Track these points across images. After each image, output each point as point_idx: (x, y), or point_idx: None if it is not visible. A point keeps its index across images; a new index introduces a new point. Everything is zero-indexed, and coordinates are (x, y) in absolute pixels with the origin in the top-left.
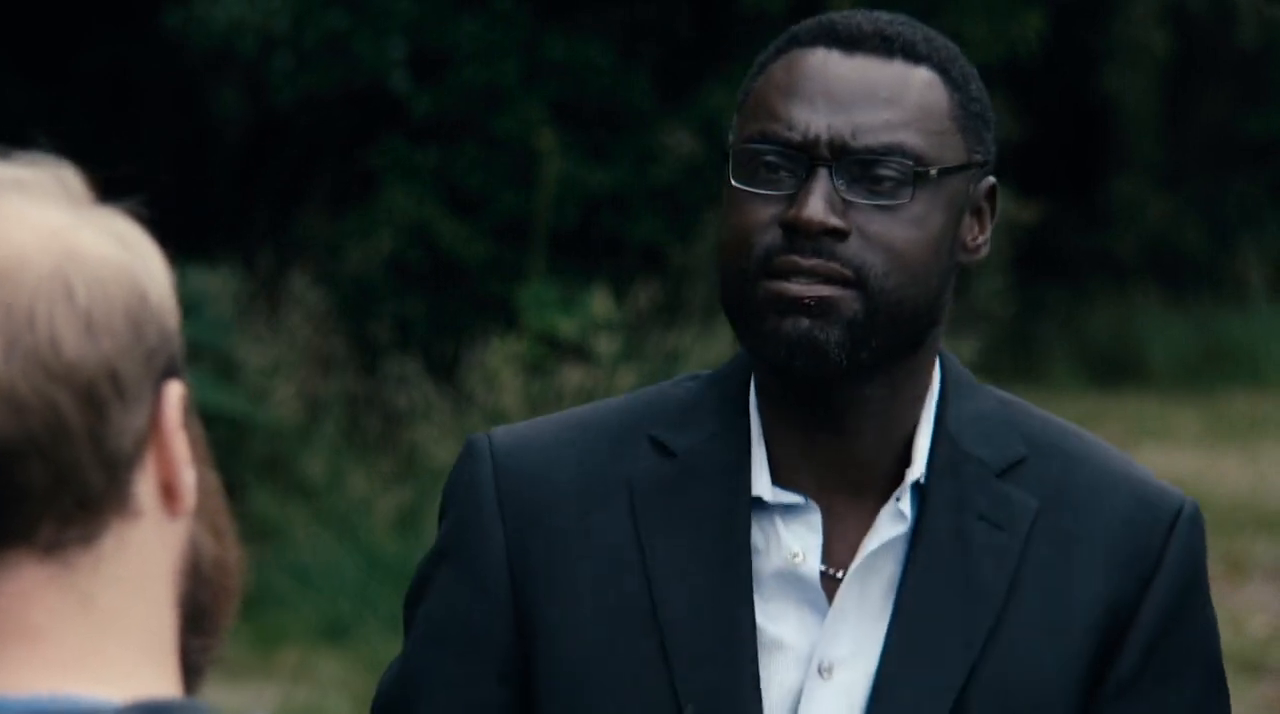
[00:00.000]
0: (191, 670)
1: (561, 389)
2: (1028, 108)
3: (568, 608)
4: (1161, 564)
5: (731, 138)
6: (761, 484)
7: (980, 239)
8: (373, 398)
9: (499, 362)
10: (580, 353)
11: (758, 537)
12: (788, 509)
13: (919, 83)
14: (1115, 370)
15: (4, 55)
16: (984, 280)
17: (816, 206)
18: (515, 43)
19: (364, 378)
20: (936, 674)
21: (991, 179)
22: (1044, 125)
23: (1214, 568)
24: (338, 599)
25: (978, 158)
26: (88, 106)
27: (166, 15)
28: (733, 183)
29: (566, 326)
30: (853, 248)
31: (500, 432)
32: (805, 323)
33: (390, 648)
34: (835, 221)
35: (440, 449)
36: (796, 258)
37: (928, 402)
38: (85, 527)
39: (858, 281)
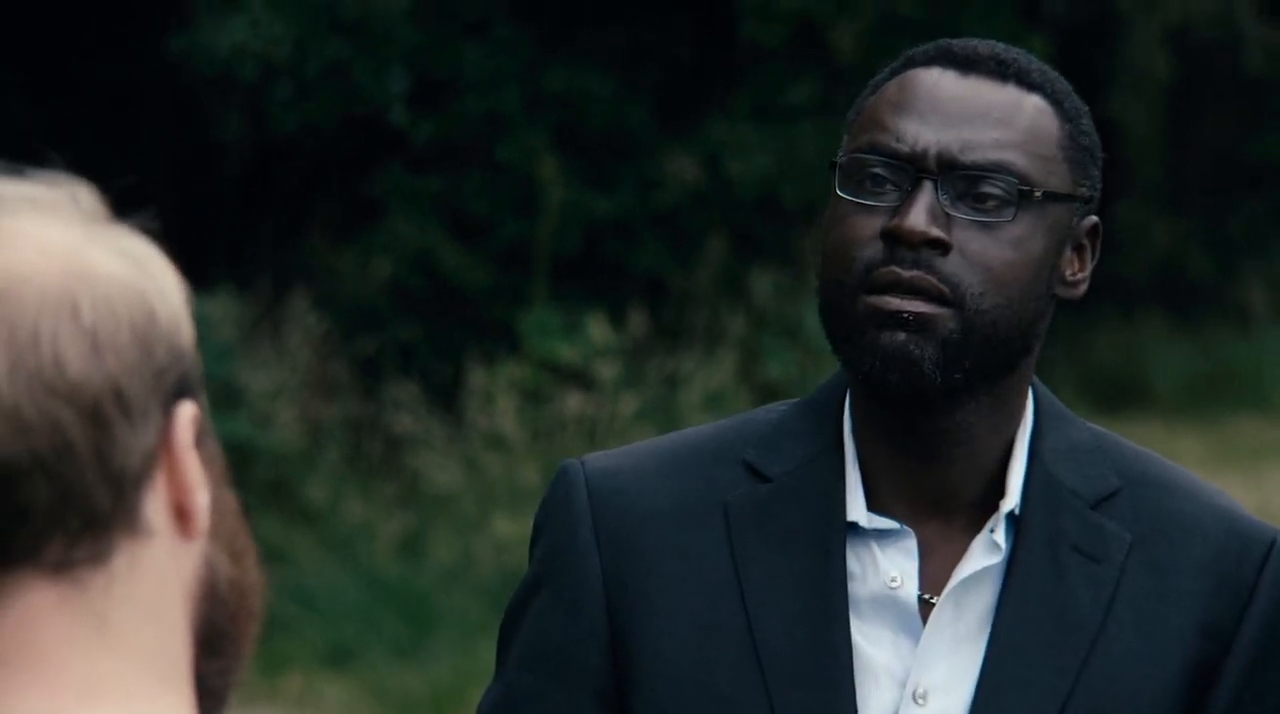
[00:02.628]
0: (209, 695)
1: (562, 415)
2: None
3: (665, 630)
4: (1255, 595)
5: (840, 154)
6: (857, 510)
7: (1080, 275)
8: (375, 423)
9: (500, 388)
10: (581, 379)
11: (853, 562)
12: (883, 534)
13: (1031, 108)
14: (1119, 394)
15: (10, 74)
16: None
17: (919, 217)
18: (517, 71)
19: (366, 403)
20: (1031, 703)
21: (1095, 218)
22: None
23: None
24: (341, 624)
25: (1083, 191)
26: (92, 128)
27: (170, 39)
28: (838, 192)
29: (568, 353)
30: (952, 264)
31: (594, 457)
32: (901, 337)
33: (393, 672)
34: (937, 233)
35: (442, 474)
36: (897, 269)
37: (1020, 431)
38: (94, 547)
39: (954, 299)
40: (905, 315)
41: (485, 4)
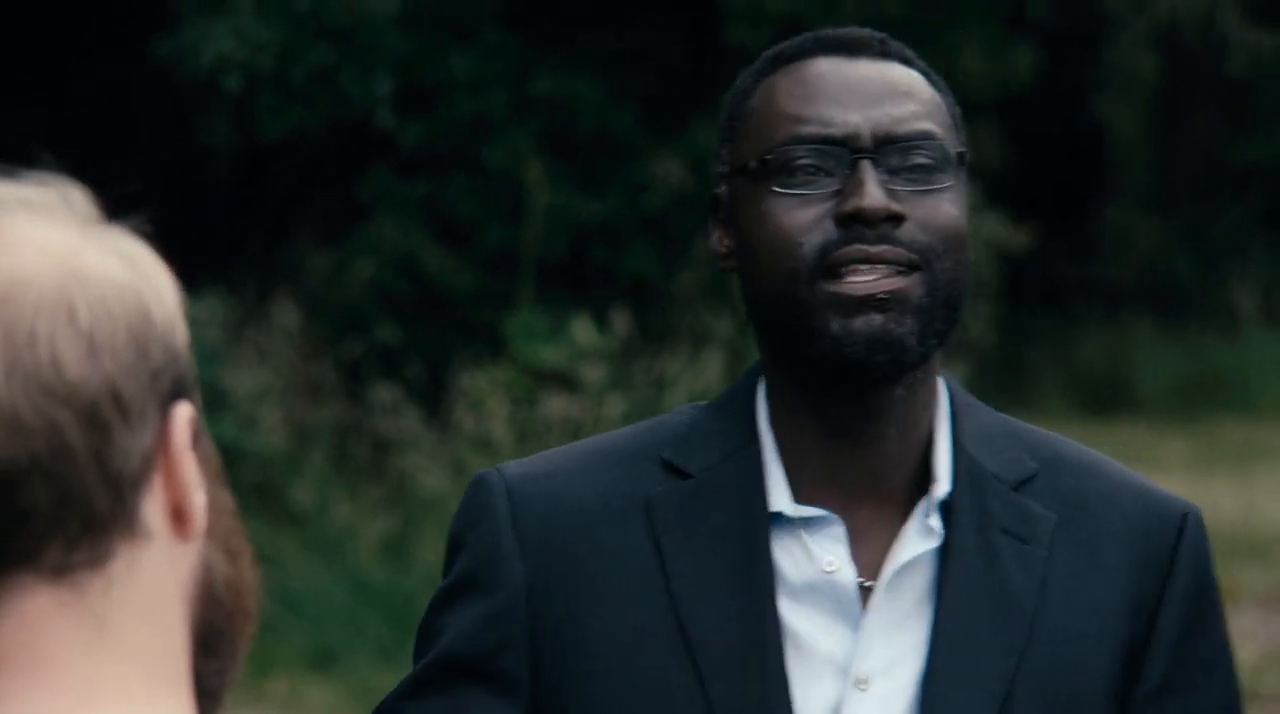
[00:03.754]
0: (206, 695)
1: (548, 418)
2: (1019, 136)
3: (594, 633)
4: (1174, 567)
5: (723, 168)
6: (781, 500)
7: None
8: (361, 426)
9: (486, 391)
10: (567, 382)
11: (784, 552)
12: (810, 522)
13: (919, 82)
14: (1106, 398)
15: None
16: (974, 308)
17: (876, 194)
18: (504, 75)
19: (352, 406)
20: (979, 684)
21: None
22: (1035, 154)
23: None
24: (327, 626)
25: (966, 155)
26: (79, 132)
27: (155, 45)
28: (773, 189)
29: (554, 356)
30: (909, 232)
31: (511, 465)
32: (879, 318)
33: (379, 675)
34: (895, 206)
35: (428, 477)
36: (863, 247)
37: (939, 415)
38: (93, 549)
39: (921, 264)
40: (880, 296)
41: (473, 9)
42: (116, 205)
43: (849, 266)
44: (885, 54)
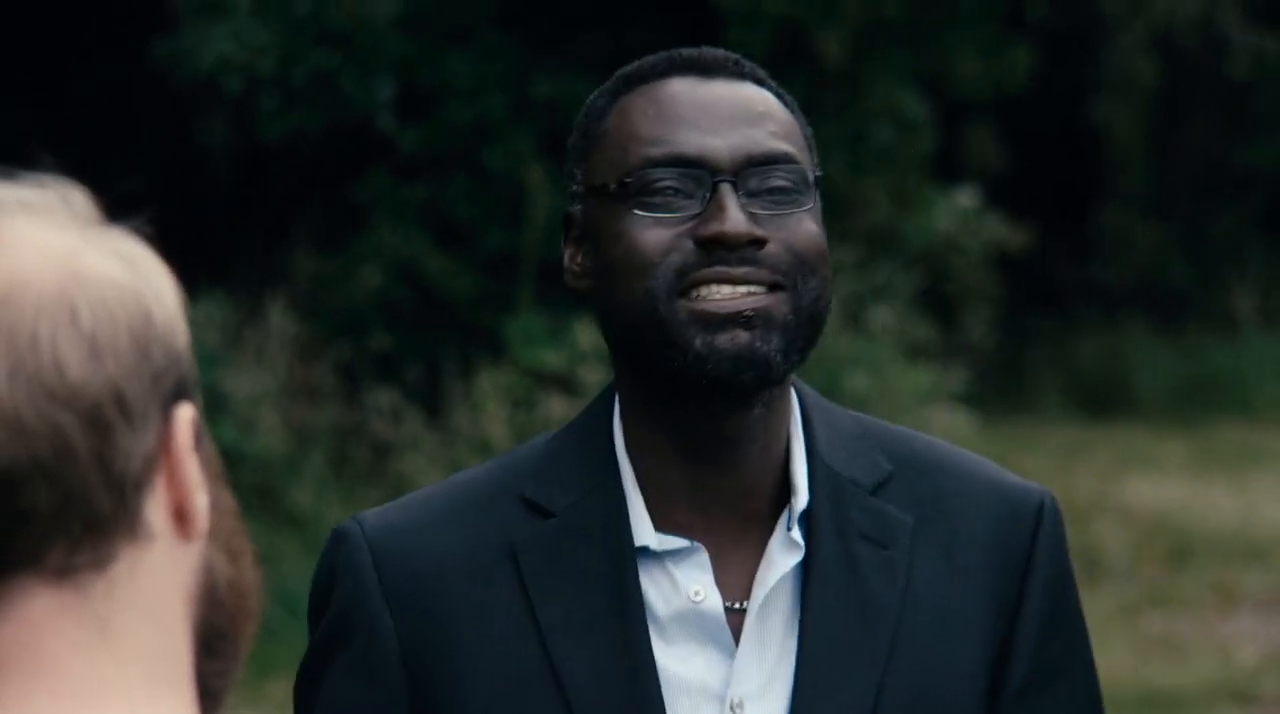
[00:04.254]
0: (208, 695)
1: (548, 420)
2: (1017, 139)
3: (468, 686)
4: (1033, 559)
5: (576, 187)
6: (645, 534)
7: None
8: (360, 429)
9: (486, 394)
10: (566, 385)
11: (651, 585)
12: (674, 554)
13: (773, 103)
14: (1104, 400)
15: None
16: (973, 311)
17: (738, 218)
18: (503, 78)
19: (351, 409)
20: (847, 697)
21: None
22: (1033, 156)
23: (1203, 597)
24: None
25: (819, 174)
26: (77, 133)
27: (153, 47)
28: (633, 211)
29: (553, 359)
30: (773, 254)
31: (369, 515)
32: (745, 336)
33: None
34: (757, 230)
35: (427, 480)
36: (724, 268)
37: (793, 423)
38: (95, 551)
39: (786, 285)
40: (746, 313)
41: (471, 12)
42: (116, 206)
43: (709, 287)
44: (740, 75)
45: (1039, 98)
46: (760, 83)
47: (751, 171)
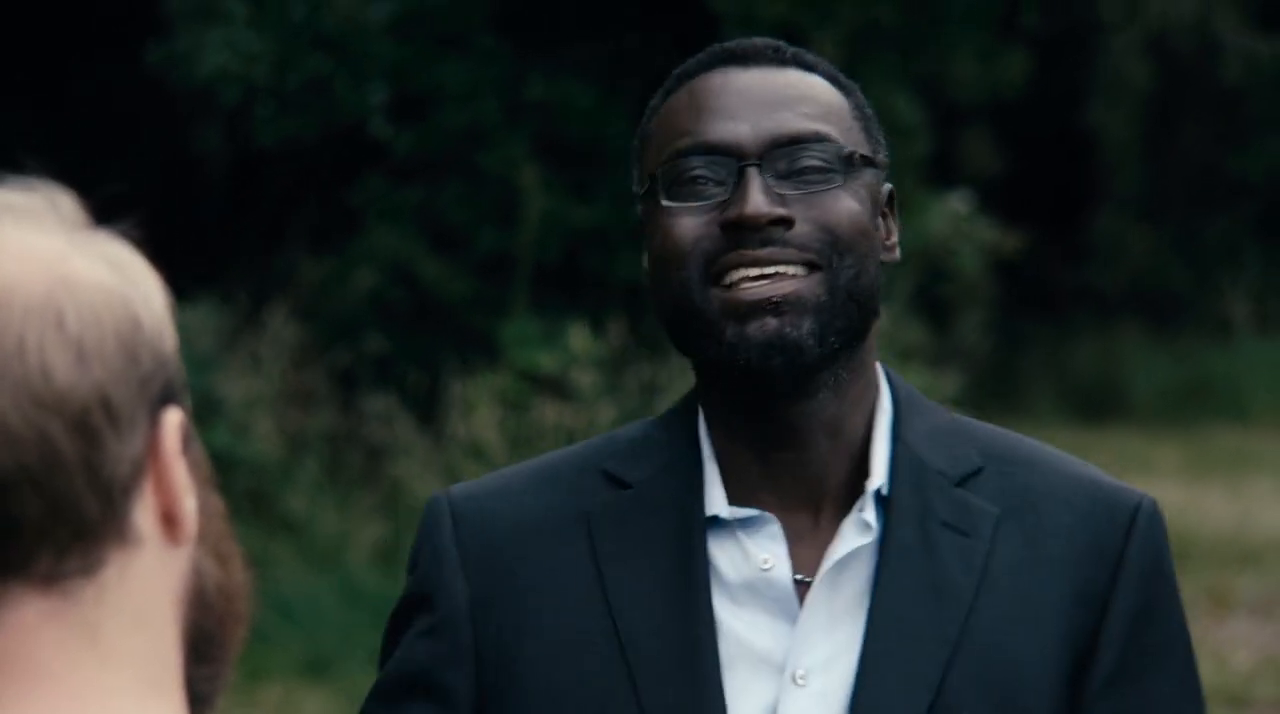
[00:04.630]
0: (198, 700)
1: (541, 424)
2: (1012, 142)
3: (535, 644)
4: (1125, 558)
5: (636, 188)
6: (717, 503)
7: (892, 240)
8: (353, 433)
9: (479, 397)
10: (560, 388)
11: (721, 552)
12: (747, 523)
13: (817, 85)
14: (1098, 405)
15: None
16: (967, 315)
17: (758, 200)
18: (497, 82)
19: (345, 413)
20: (913, 673)
21: (890, 186)
22: (1028, 160)
23: (1197, 602)
24: (320, 634)
25: (881, 158)
26: (73, 139)
27: (148, 52)
28: (663, 203)
29: (547, 362)
30: (802, 233)
31: (458, 487)
32: (774, 322)
33: (371, 682)
34: (779, 210)
35: (421, 484)
36: (746, 251)
37: (879, 416)
38: (84, 557)
39: (819, 262)
40: (773, 300)
41: (465, 16)
42: (111, 210)
43: (737, 272)
44: (781, 61)
45: (1033, 102)
46: (807, 68)
47: (778, 153)
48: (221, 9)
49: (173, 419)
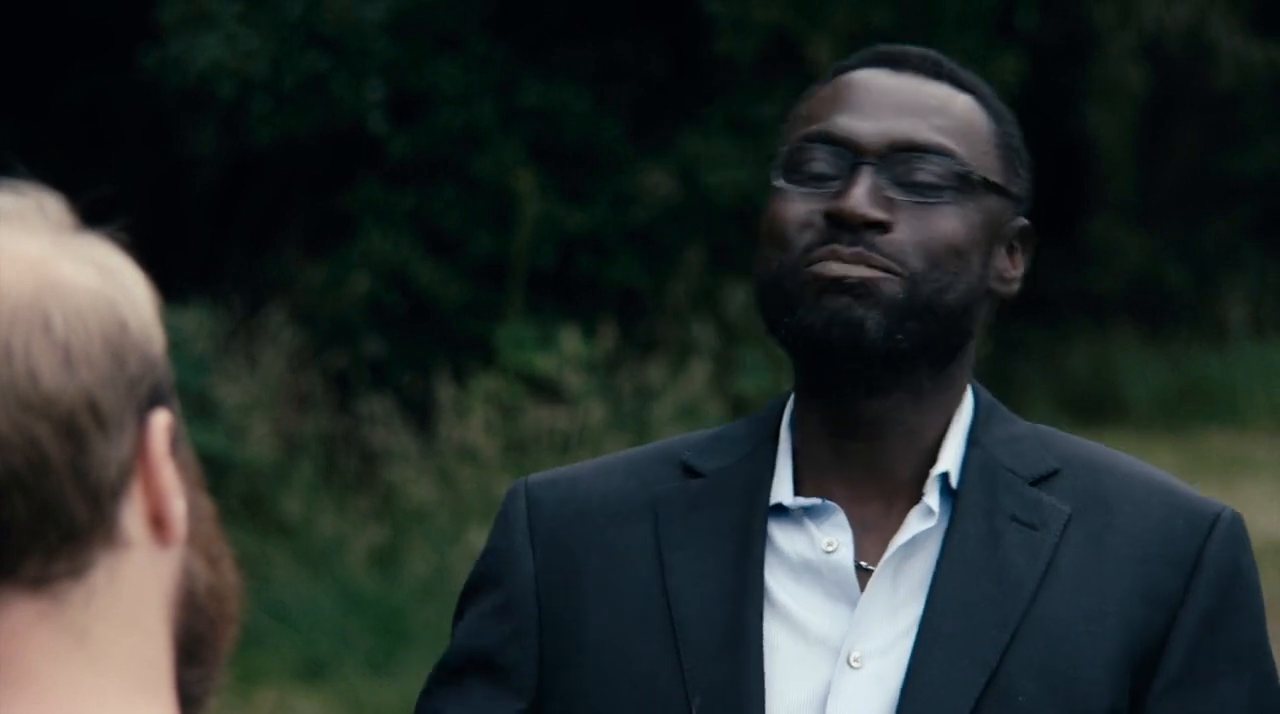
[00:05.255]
0: (190, 702)
1: (536, 428)
2: None
3: (592, 622)
4: (1201, 565)
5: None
6: (783, 492)
7: (1014, 274)
8: (349, 437)
9: (474, 401)
10: (555, 392)
11: (785, 537)
12: (812, 511)
13: (963, 104)
14: (1093, 409)
15: None
16: None
17: (860, 198)
18: (492, 85)
19: (340, 417)
20: (970, 654)
21: (1026, 220)
22: None
23: None
24: (315, 638)
25: (1015, 190)
26: (63, 143)
27: (141, 55)
28: (778, 183)
29: (542, 366)
30: (893, 243)
31: (536, 474)
32: (845, 300)
33: (368, 686)
34: (878, 214)
35: (416, 488)
36: (837, 247)
37: (956, 420)
38: (72, 560)
39: (900, 272)
40: (850, 280)
41: (460, 18)
42: (103, 214)
43: (827, 262)
44: (936, 74)
45: (1028, 106)
46: (961, 87)
47: (896, 158)
48: (215, 12)
49: (161, 421)
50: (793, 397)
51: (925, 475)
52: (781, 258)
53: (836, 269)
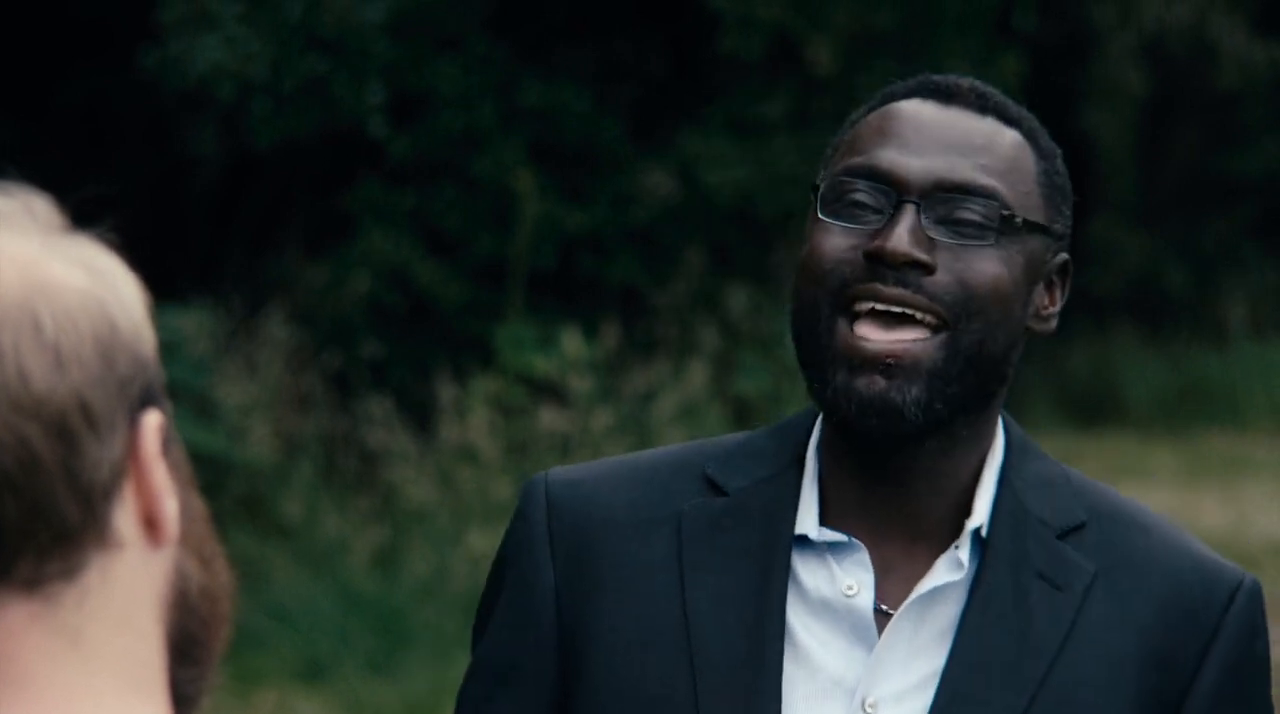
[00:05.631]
0: (183, 702)
1: (537, 430)
2: None
3: (610, 636)
4: (1219, 633)
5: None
6: (808, 523)
7: (1051, 310)
8: (349, 437)
9: (475, 402)
10: (555, 393)
11: (808, 572)
12: (836, 547)
13: (1010, 141)
14: (1094, 409)
15: None
16: None
17: (903, 237)
18: (492, 86)
19: (340, 418)
20: None
21: (1066, 255)
22: None
23: None
24: (316, 639)
25: (1057, 227)
26: (63, 144)
27: (141, 56)
28: (819, 216)
29: (543, 366)
30: (935, 284)
31: (557, 470)
32: (882, 383)
33: (368, 687)
34: (920, 254)
35: (416, 489)
36: (878, 285)
37: (989, 460)
38: (65, 560)
39: (940, 318)
40: (887, 359)
41: (461, 19)
42: (103, 214)
43: (866, 303)
44: (983, 108)
45: (1028, 106)
46: (1009, 121)
47: (940, 197)
48: (215, 13)
49: (152, 422)
50: (820, 419)
51: (953, 518)
52: (817, 293)
53: (872, 345)
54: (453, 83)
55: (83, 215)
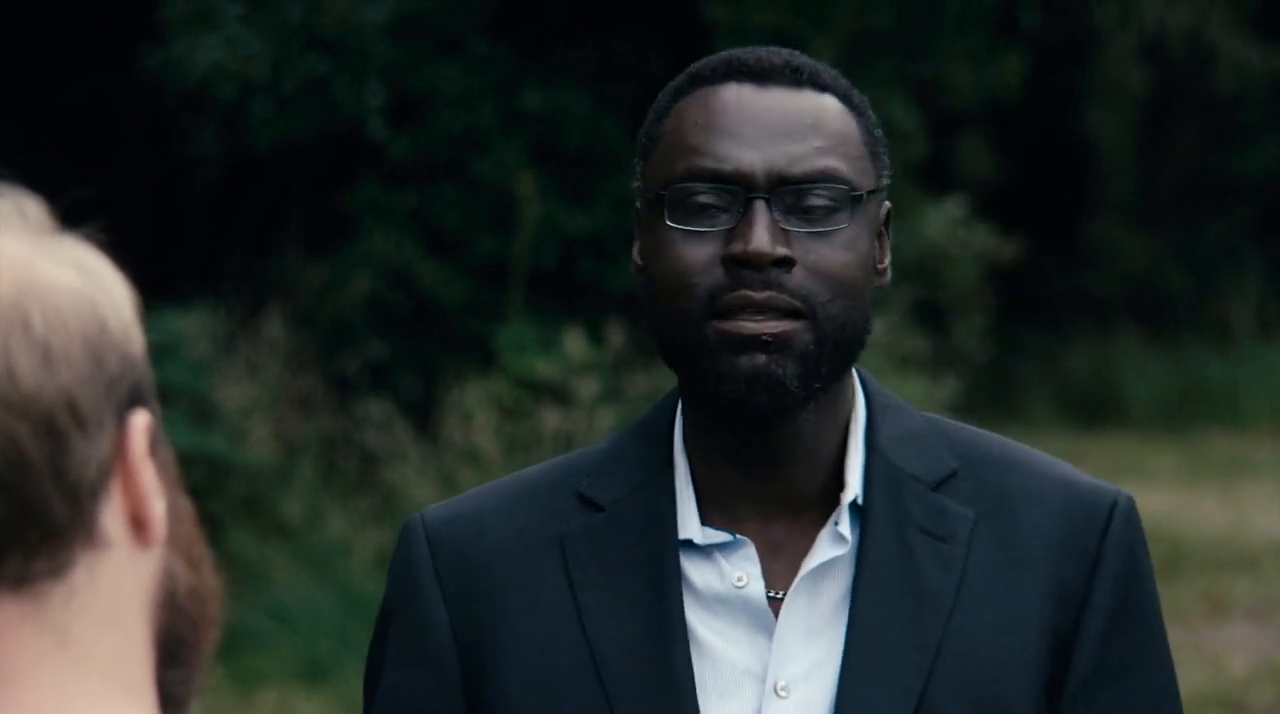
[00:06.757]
0: (172, 703)
1: (539, 431)
2: (1008, 149)
3: (513, 667)
4: (1102, 558)
5: (638, 183)
6: (690, 527)
7: (885, 262)
8: (350, 439)
9: (476, 403)
10: (558, 394)
11: (696, 572)
12: (722, 547)
13: (832, 111)
14: (1094, 410)
15: None
16: (964, 321)
17: (763, 238)
18: (492, 87)
19: (341, 419)
20: (895, 681)
21: (888, 203)
22: (1023, 166)
23: (1193, 607)
24: (316, 639)
25: (884, 181)
26: (63, 144)
27: (144, 57)
28: (667, 223)
29: (544, 368)
30: (798, 278)
31: (432, 508)
32: (762, 359)
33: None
34: (782, 251)
35: (417, 490)
36: (748, 292)
37: (854, 423)
38: (52, 559)
39: (806, 312)
40: (764, 337)
41: (461, 20)
42: (99, 215)
43: (740, 314)
44: (798, 82)
45: (1028, 108)
46: (822, 88)
47: (786, 189)
48: (216, 13)
49: (140, 422)
50: (680, 412)
51: (832, 490)
52: (684, 307)
53: (749, 326)
54: (453, 83)
55: (80, 216)
